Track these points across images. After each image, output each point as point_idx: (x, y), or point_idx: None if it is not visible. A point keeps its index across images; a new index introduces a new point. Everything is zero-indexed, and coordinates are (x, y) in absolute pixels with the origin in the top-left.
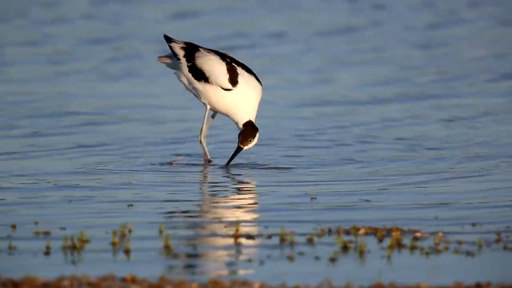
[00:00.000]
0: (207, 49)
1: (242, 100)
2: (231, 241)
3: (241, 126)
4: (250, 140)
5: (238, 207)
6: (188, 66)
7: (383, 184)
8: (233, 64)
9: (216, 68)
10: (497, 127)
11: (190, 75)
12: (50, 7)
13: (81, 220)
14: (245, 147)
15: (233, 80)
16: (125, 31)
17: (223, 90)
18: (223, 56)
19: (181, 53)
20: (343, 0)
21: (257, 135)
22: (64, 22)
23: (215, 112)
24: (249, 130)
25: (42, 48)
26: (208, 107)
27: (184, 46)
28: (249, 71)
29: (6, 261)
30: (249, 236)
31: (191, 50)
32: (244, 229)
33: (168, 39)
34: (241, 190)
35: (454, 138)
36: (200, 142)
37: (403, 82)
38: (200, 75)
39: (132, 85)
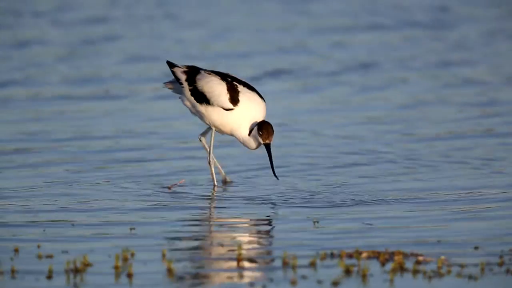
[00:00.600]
0: (209, 70)
1: (246, 119)
2: (234, 264)
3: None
4: (273, 131)
5: (241, 230)
6: (190, 90)
7: (385, 207)
8: (234, 83)
9: (216, 88)
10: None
11: (192, 98)
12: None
13: (83, 243)
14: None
15: (234, 99)
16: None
17: (225, 111)
18: (224, 76)
19: (183, 77)
20: None
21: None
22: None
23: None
24: (263, 123)
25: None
26: (214, 129)
27: (186, 70)
28: (251, 88)
29: (9, 284)
30: (251, 259)
31: (192, 73)
32: (246, 252)
33: (171, 65)
34: (244, 214)
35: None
36: (209, 164)
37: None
38: (202, 98)
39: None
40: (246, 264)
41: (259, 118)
